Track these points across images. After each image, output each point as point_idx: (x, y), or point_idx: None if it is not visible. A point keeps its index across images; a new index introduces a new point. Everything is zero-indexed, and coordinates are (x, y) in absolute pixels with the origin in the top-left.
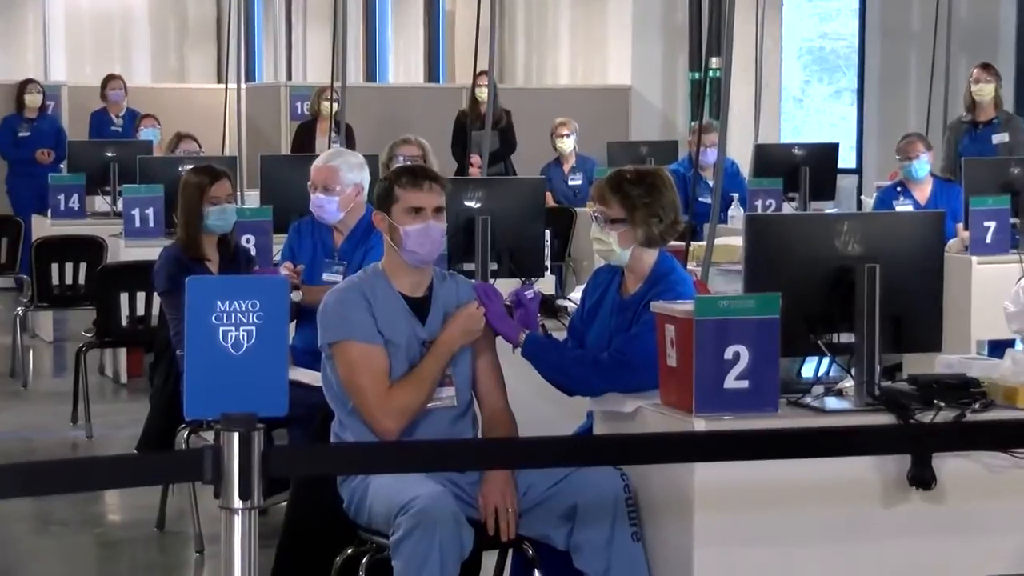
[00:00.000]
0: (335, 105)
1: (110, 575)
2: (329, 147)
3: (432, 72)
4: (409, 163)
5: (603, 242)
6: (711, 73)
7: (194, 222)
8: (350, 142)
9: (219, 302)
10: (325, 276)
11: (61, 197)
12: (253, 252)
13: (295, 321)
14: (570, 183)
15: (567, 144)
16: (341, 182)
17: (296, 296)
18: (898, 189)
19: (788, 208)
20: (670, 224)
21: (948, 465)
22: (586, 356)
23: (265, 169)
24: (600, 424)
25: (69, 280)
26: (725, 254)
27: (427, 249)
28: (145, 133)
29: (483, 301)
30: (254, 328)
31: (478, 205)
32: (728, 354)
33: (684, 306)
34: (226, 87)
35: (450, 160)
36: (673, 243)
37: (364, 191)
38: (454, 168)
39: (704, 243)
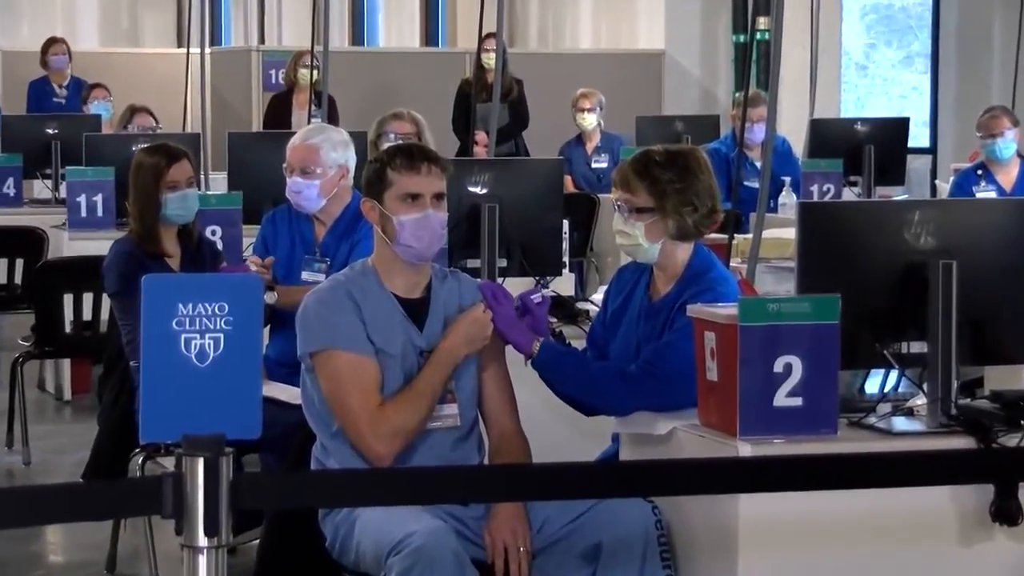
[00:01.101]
0: (315, 73)
1: None
2: (308, 122)
3: (430, 35)
4: (401, 141)
5: (628, 235)
6: (758, 35)
7: (150, 211)
8: (332, 116)
9: (180, 305)
10: (305, 275)
11: None
12: (220, 246)
13: (269, 327)
14: (593, 165)
15: (590, 120)
16: (322, 163)
17: (270, 298)
18: (979, 172)
19: (849, 194)
20: (706, 213)
21: None
22: (610, 368)
23: (233, 148)
24: (627, 448)
25: (3, 279)
26: (775, 248)
27: (425, 243)
28: (93, 107)
29: (490, 303)
30: (222, 335)
31: (484, 191)
32: (779, 366)
33: (727, 310)
34: (187, 52)
35: (451, 138)
36: (713, 236)
37: (350, 174)
38: (456, 148)
39: (750, 235)
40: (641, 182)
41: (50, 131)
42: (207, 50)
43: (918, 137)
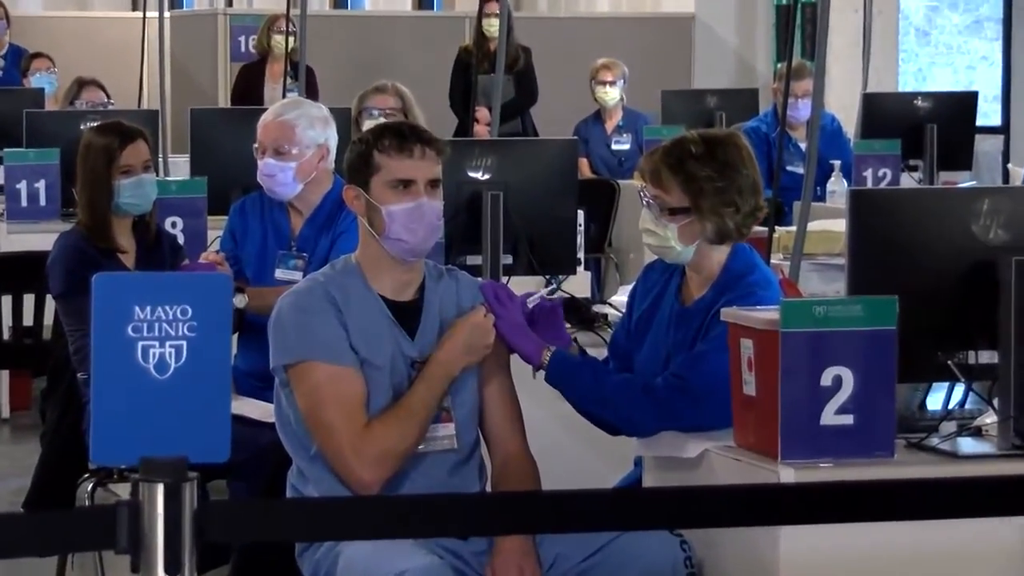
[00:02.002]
0: (291, 40)
1: None
2: (283, 96)
3: None
4: (384, 118)
5: (658, 235)
6: None
7: (101, 200)
8: (311, 90)
9: (137, 308)
10: (279, 273)
11: None
12: (181, 240)
13: (238, 334)
14: (613, 147)
15: (611, 95)
16: (298, 142)
17: (239, 301)
18: None
19: (908, 180)
20: (749, 212)
21: None
22: (634, 382)
23: (197, 127)
24: (652, 473)
25: None
26: (822, 243)
27: (419, 236)
28: (35, 79)
29: (493, 307)
30: (185, 343)
31: (486, 176)
32: (826, 379)
33: (766, 314)
34: (143, 16)
35: (448, 116)
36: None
37: (330, 156)
38: (453, 126)
39: (793, 228)
40: (675, 178)
41: None
42: (166, 14)
43: (988, 114)
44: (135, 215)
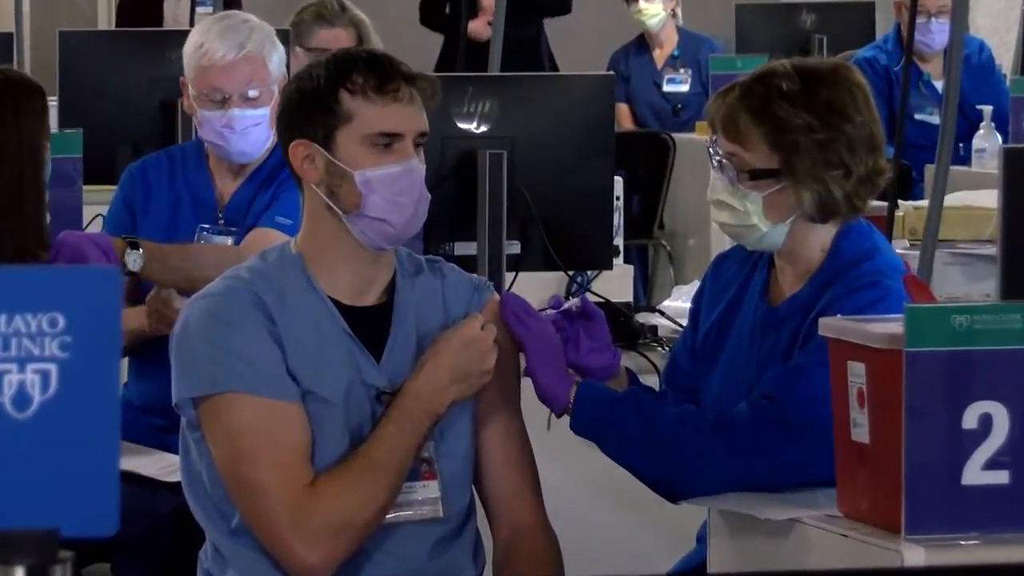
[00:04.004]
0: None
1: None
2: (192, 12)
3: None
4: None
5: (734, 210)
6: None
7: None
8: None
9: None
10: None
11: None
12: (48, 218)
13: (128, 357)
14: (666, 87)
15: (651, 11)
16: (269, 79)
17: (133, 261)
18: None
19: None
20: (865, 177)
21: None
22: (702, 416)
23: (69, 57)
24: (722, 552)
25: None
26: (965, 224)
27: (408, 214)
28: None
29: (510, 323)
30: (54, 367)
31: (484, 129)
32: (970, 419)
33: (884, 326)
34: None
35: (417, 39)
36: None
37: None
38: (425, 54)
39: (923, 203)
40: (759, 128)
41: None
42: None
43: None
44: None
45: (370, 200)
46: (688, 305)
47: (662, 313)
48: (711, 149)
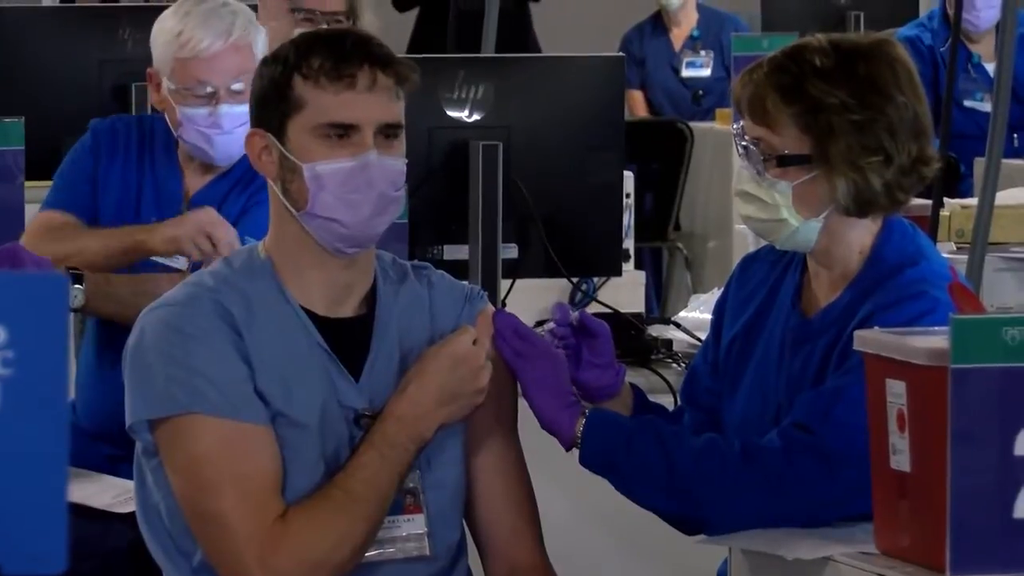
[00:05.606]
0: None
1: None
2: None
3: None
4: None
5: (762, 203)
6: None
7: None
8: None
9: None
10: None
11: None
12: None
13: (77, 370)
14: (685, 71)
15: None
16: (253, 68)
17: (73, 297)
18: None
19: None
20: (909, 166)
21: None
22: (728, 444)
23: (9, 40)
24: None
25: None
26: (1019, 226)
27: (362, 214)
28: None
29: (500, 348)
30: None
31: (477, 117)
32: (1023, 444)
33: (927, 340)
34: None
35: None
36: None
37: None
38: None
39: (972, 201)
40: (789, 108)
41: None
42: None
43: None
44: None
45: (319, 197)
46: (706, 316)
47: (677, 325)
48: (736, 135)
